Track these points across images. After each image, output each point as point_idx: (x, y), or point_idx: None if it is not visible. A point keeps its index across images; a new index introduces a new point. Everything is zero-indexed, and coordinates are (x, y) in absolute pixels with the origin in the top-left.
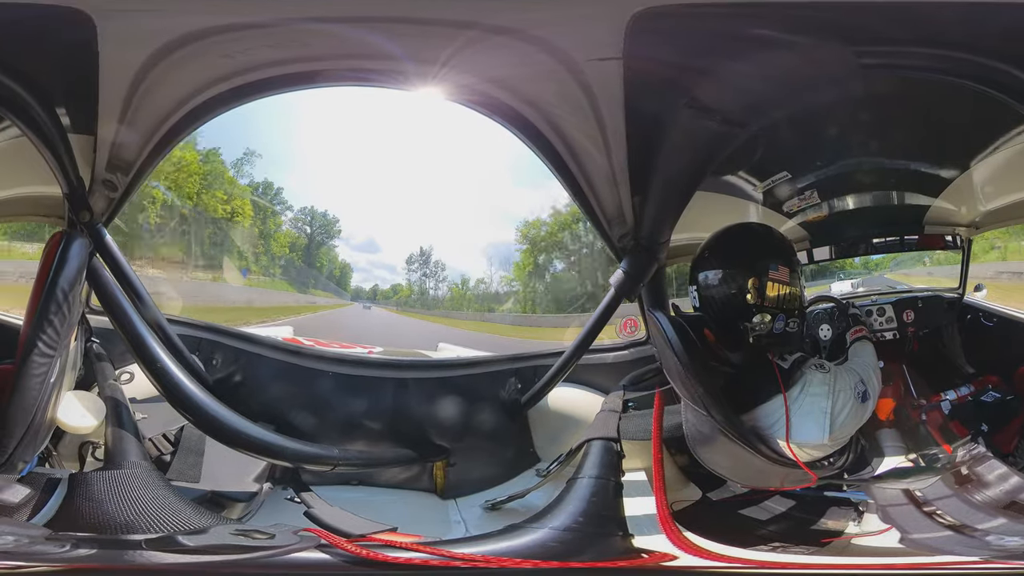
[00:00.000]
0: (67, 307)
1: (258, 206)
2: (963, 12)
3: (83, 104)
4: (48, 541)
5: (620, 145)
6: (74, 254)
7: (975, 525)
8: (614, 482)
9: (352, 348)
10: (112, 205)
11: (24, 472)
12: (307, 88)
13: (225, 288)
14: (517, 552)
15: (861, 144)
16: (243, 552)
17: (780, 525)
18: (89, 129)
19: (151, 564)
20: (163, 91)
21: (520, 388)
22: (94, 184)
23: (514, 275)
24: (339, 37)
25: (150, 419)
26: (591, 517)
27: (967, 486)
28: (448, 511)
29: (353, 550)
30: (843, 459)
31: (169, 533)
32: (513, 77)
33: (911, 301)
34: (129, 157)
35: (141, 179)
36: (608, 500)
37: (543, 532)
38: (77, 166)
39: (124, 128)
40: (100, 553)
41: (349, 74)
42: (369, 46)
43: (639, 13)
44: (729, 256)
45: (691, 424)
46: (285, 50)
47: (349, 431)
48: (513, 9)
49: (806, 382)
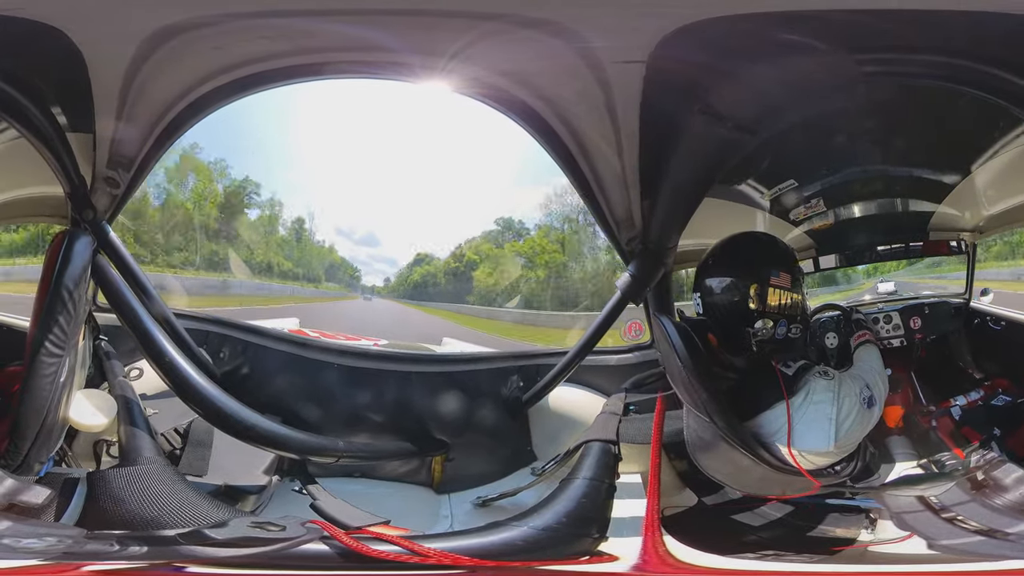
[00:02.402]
0: (73, 306)
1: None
2: (965, 20)
3: (79, 102)
4: (90, 541)
5: (633, 148)
6: (78, 252)
7: (1005, 529)
8: (607, 484)
9: (358, 340)
10: (115, 202)
11: (41, 473)
12: (310, 80)
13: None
14: (487, 549)
15: (866, 152)
16: (261, 544)
17: (778, 532)
18: (87, 127)
19: (190, 558)
20: (159, 85)
21: (522, 386)
22: (96, 182)
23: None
24: (343, 29)
25: (161, 414)
26: (575, 518)
27: (985, 491)
28: (440, 506)
29: (347, 543)
30: (850, 467)
31: (197, 528)
32: (533, 73)
33: (917, 308)
34: (130, 153)
35: (144, 174)
36: (597, 502)
37: (520, 531)
38: (78, 165)
39: (122, 124)
40: (138, 550)
41: (356, 67)
42: (380, 39)
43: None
44: (732, 263)
45: (692, 430)
46: (284, 42)
47: (353, 423)
48: (553, 5)
49: (810, 389)
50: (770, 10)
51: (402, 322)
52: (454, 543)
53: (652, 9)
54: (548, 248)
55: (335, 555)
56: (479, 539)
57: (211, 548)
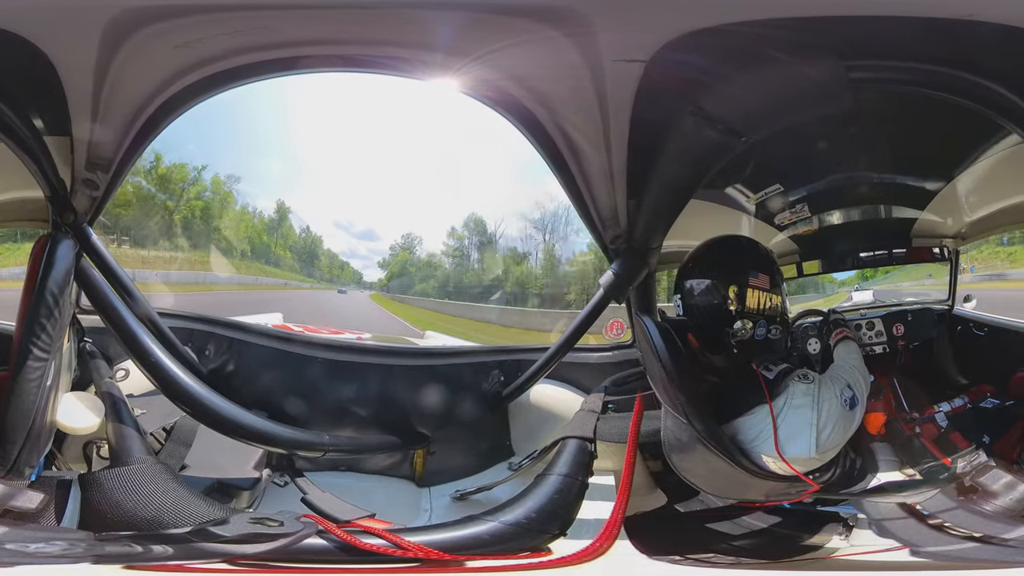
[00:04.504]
0: (58, 309)
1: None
2: (952, 29)
3: (54, 106)
4: (105, 543)
5: (621, 147)
6: (61, 256)
7: (1002, 535)
8: (580, 482)
9: (341, 334)
10: (95, 204)
11: (32, 477)
12: (288, 75)
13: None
14: (456, 543)
15: (851, 158)
16: (267, 540)
17: (751, 540)
18: (64, 130)
19: (205, 556)
20: (129, 86)
21: (503, 381)
22: (75, 184)
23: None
24: (312, 20)
25: (148, 413)
26: (543, 514)
27: (972, 497)
28: (421, 499)
29: (342, 536)
30: (829, 474)
31: (203, 526)
32: (528, 69)
33: (900, 314)
34: (107, 154)
35: (122, 175)
36: (568, 499)
37: (488, 525)
38: (56, 168)
39: (98, 126)
40: (155, 551)
41: (330, 61)
42: (356, 32)
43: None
44: (711, 264)
45: (669, 431)
46: (246, 38)
47: (338, 417)
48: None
49: (790, 394)
50: (778, 16)
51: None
52: (428, 536)
53: (666, 10)
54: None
55: (330, 548)
56: (451, 533)
57: (221, 545)
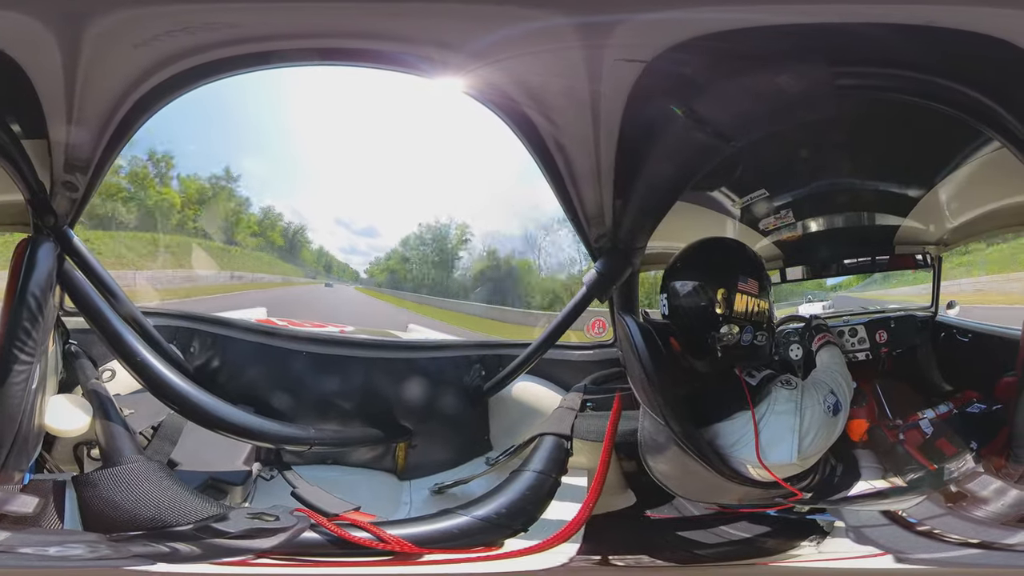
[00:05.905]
0: (41, 312)
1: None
2: (937, 38)
3: (29, 110)
4: (111, 544)
5: (611, 146)
6: (42, 258)
7: (1002, 540)
8: (554, 479)
9: (325, 327)
10: (75, 206)
11: (25, 481)
12: (261, 69)
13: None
14: (429, 536)
15: (835, 164)
16: (268, 536)
17: (722, 548)
18: (41, 133)
19: (215, 552)
20: (99, 87)
21: (484, 375)
22: (55, 187)
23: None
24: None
25: (136, 412)
26: (513, 510)
27: (962, 503)
28: (401, 492)
29: (334, 530)
30: (807, 480)
31: (207, 524)
32: (524, 64)
33: (883, 321)
34: (85, 156)
35: (101, 176)
36: (539, 496)
37: (461, 520)
38: (35, 171)
39: (73, 128)
40: (166, 549)
41: (307, 54)
42: (339, 24)
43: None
44: (700, 266)
45: (647, 431)
46: (206, 34)
47: (322, 410)
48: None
49: (772, 400)
50: (769, 23)
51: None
52: (404, 530)
53: (676, 11)
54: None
55: (320, 541)
56: (424, 527)
57: (228, 541)
